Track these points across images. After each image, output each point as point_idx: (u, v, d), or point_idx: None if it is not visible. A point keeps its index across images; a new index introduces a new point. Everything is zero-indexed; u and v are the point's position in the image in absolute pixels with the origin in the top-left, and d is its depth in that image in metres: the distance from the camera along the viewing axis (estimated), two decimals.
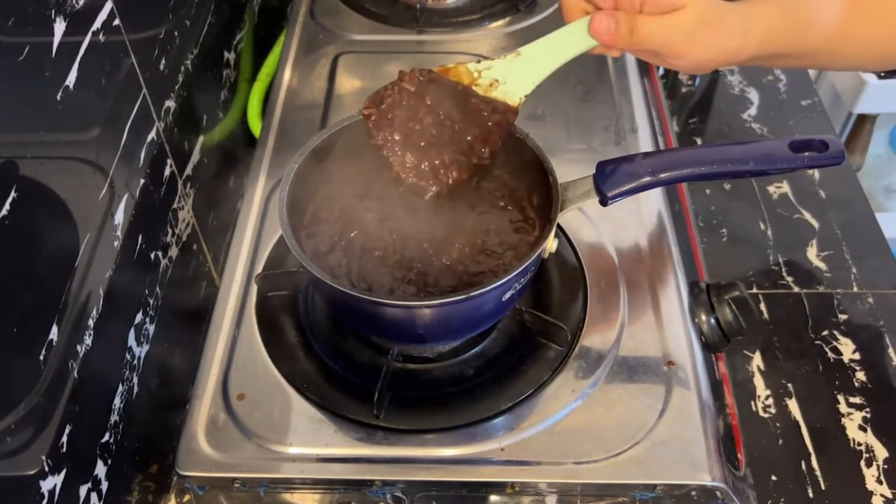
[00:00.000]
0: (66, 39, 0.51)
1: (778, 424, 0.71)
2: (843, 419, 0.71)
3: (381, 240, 0.64)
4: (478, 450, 0.59)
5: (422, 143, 0.60)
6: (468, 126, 0.60)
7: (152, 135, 0.67)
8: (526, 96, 0.61)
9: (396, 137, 0.61)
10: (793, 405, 0.72)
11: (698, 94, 1.05)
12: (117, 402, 0.60)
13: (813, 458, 0.69)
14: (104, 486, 0.57)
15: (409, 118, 0.61)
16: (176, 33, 0.73)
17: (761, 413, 0.72)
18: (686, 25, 0.57)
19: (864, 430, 0.70)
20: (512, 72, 0.61)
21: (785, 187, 0.92)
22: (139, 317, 0.64)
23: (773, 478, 0.68)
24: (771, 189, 0.92)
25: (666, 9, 0.57)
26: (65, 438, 0.51)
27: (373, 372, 0.63)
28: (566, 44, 0.59)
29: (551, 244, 0.59)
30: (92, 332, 0.55)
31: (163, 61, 0.69)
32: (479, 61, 0.61)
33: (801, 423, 0.71)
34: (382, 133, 0.61)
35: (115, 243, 0.60)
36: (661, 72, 1.07)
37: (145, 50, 0.65)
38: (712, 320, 0.67)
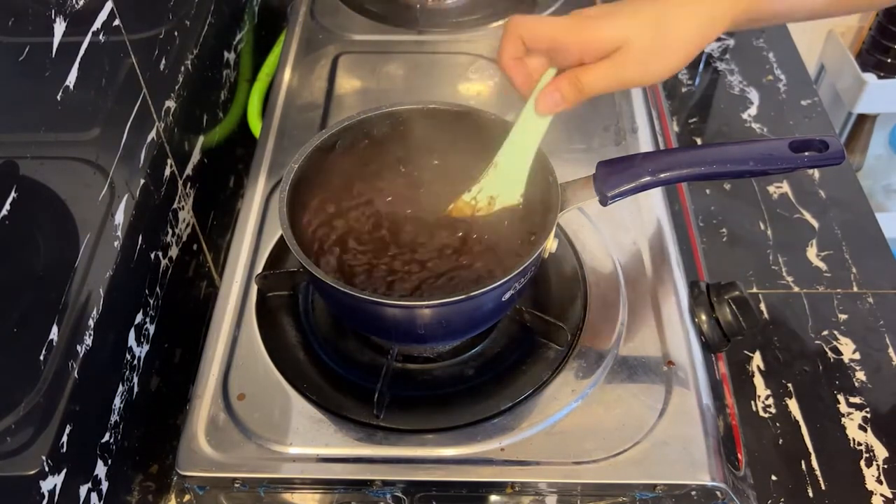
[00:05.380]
0: (66, 39, 0.51)
1: (778, 424, 0.71)
2: (843, 419, 0.71)
3: (381, 239, 0.64)
4: (478, 450, 0.59)
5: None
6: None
7: (152, 135, 0.67)
8: (522, 194, 0.62)
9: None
10: (793, 405, 0.72)
11: (698, 94, 1.05)
12: (117, 402, 0.60)
13: (813, 458, 0.69)
14: (104, 486, 0.57)
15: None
16: (176, 33, 0.73)
17: (761, 413, 0.72)
18: (634, 60, 0.52)
19: (864, 430, 0.70)
20: (499, 182, 0.62)
21: (785, 187, 0.92)
22: (139, 317, 0.64)
23: (773, 478, 0.68)
24: (771, 189, 0.92)
25: (604, 53, 0.52)
26: (65, 438, 0.51)
27: (373, 372, 0.63)
28: (529, 131, 0.59)
29: (551, 244, 0.59)
30: (92, 332, 0.55)
31: (163, 61, 0.69)
32: (469, 190, 0.63)
33: (801, 423, 0.71)
34: None
35: (115, 243, 0.60)
36: None
37: (145, 50, 0.65)
38: (712, 320, 0.67)
